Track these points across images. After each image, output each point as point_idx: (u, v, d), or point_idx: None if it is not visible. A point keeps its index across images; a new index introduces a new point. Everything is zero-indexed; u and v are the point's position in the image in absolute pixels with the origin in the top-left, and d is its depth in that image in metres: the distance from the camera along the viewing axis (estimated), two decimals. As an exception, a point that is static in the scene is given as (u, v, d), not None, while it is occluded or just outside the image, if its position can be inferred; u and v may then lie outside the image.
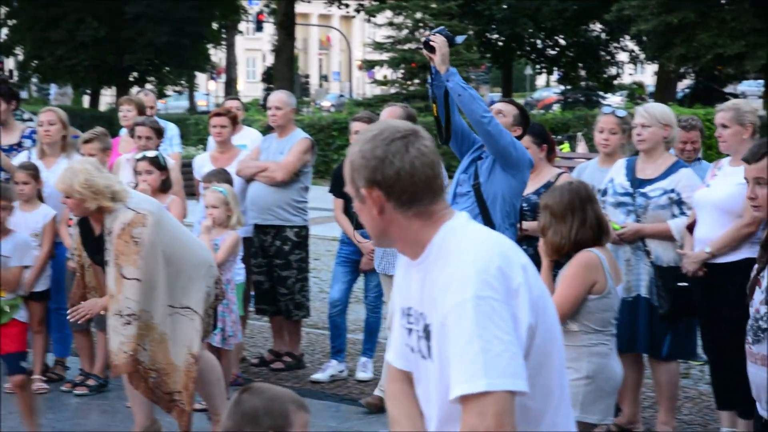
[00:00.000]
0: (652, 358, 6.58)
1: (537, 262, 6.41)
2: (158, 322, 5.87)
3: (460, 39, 6.18)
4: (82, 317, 6.20)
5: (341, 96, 60.44)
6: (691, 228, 6.31)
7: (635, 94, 48.08)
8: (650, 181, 6.34)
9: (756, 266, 4.30)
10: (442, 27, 6.24)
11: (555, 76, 46.05)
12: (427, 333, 2.72)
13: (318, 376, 7.97)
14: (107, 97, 50.05)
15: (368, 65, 35.64)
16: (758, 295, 4.20)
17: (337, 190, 7.88)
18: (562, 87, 44.45)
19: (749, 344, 4.22)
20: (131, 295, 5.78)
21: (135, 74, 38.79)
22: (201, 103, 58.55)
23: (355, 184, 2.77)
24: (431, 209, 2.75)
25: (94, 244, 6.08)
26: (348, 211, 7.69)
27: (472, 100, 5.75)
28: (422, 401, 2.86)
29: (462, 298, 2.59)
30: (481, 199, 5.94)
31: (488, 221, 5.84)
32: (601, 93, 43.11)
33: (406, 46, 31.57)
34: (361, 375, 7.99)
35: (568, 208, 4.86)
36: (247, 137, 9.11)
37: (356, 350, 8.39)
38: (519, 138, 6.19)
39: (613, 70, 43.65)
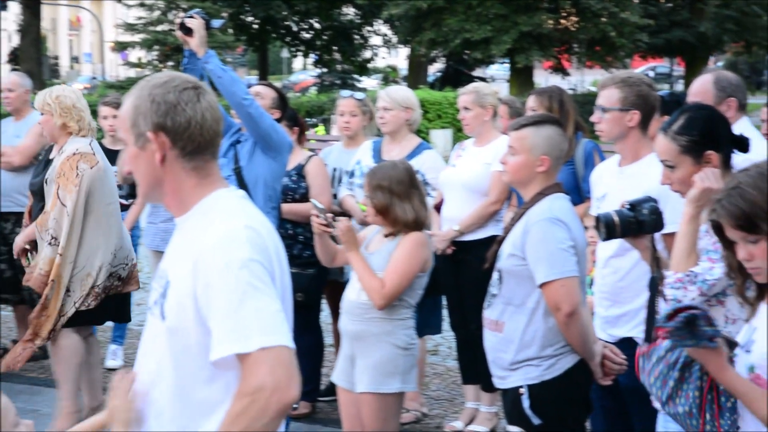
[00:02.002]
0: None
1: (295, 239, 6.44)
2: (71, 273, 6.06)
3: (217, 23, 6.11)
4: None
5: (94, 78, 58.69)
6: (438, 207, 6.48)
7: (389, 77, 48.99)
8: (396, 163, 6.44)
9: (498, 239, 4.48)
10: (198, 9, 6.15)
11: (311, 59, 46.23)
12: (164, 291, 2.70)
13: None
14: None
15: (120, 47, 34.78)
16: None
17: None
18: (319, 70, 44.71)
19: (484, 310, 4.40)
20: (58, 218, 6.04)
21: None
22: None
23: (138, 128, 2.71)
24: (209, 168, 2.75)
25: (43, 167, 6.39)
26: None
27: (232, 83, 5.69)
28: (140, 355, 2.83)
29: (233, 259, 2.58)
30: (243, 183, 5.90)
31: (250, 205, 5.81)
32: (356, 76, 43.64)
33: (159, 28, 30.98)
34: (110, 363, 7.80)
35: (409, 185, 5.02)
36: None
37: (106, 338, 8.19)
38: (278, 121, 6.19)
39: (367, 54, 44.28)
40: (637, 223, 3.89)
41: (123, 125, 2.76)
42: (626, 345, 4.43)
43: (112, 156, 6.99)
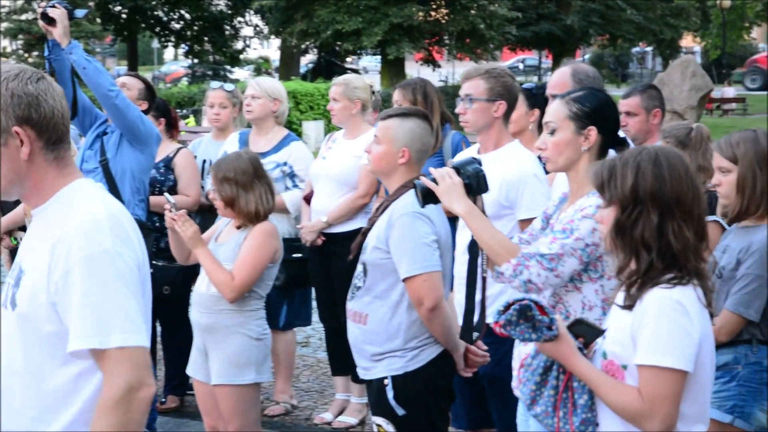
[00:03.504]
0: (270, 328, 6.73)
1: (163, 232, 6.37)
2: None
3: (80, 13, 6.01)
4: None
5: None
6: (308, 199, 6.50)
7: (262, 68, 48.72)
8: (263, 155, 6.38)
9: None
10: (60, -1, 6.03)
11: (182, 50, 45.67)
12: (17, 281, 2.68)
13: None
14: None
15: (-17, 36, 33.80)
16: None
17: None
18: (190, 61, 44.20)
19: (348, 302, 4.43)
20: None
21: None
22: None
23: None
24: (67, 158, 2.74)
25: None
26: None
27: (97, 74, 5.61)
28: None
29: (96, 251, 2.58)
30: (110, 175, 5.83)
31: (118, 197, 5.72)
32: (228, 67, 43.28)
33: (24, 17, 30.22)
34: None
35: (254, 176, 5.03)
36: None
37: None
38: (145, 112, 6.11)
39: (239, 45, 43.96)
40: (462, 185, 3.84)
41: None
42: (486, 332, 4.51)
43: None
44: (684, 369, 2.93)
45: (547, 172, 4.80)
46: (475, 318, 3.95)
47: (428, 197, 3.83)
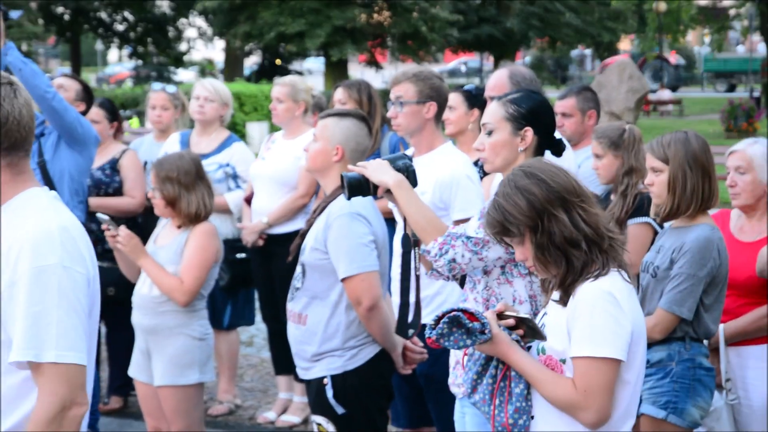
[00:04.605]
0: (213, 328, 6.75)
1: (103, 240, 6.36)
2: None
3: (15, 14, 5.97)
4: None
5: None
6: (249, 200, 6.53)
7: (206, 69, 48.46)
8: (205, 156, 6.41)
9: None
10: (-5, 0, 6.00)
11: (126, 51, 45.28)
12: None
13: None
14: None
15: None
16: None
17: None
18: (134, 62, 43.86)
19: (288, 302, 4.48)
20: None
21: None
22: None
23: None
24: (23, 165, 2.74)
25: None
26: None
27: (33, 75, 5.57)
28: None
29: (44, 264, 2.59)
30: (48, 177, 5.79)
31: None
32: (172, 69, 43.00)
33: (-37, 17, 29.76)
34: None
35: (196, 176, 5.05)
36: None
37: None
38: (83, 114, 6.10)
39: (183, 46, 43.69)
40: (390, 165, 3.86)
41: None
42: (423, 332, 4.55)
43: None
44: (617, 358, 3.02)
45: (485, 173, 4.89)
46: (410, 316, 4.01)
47: (354, 189, 3.82)
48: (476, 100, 5.63)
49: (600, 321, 3.02)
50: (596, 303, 3.04)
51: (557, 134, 4.03)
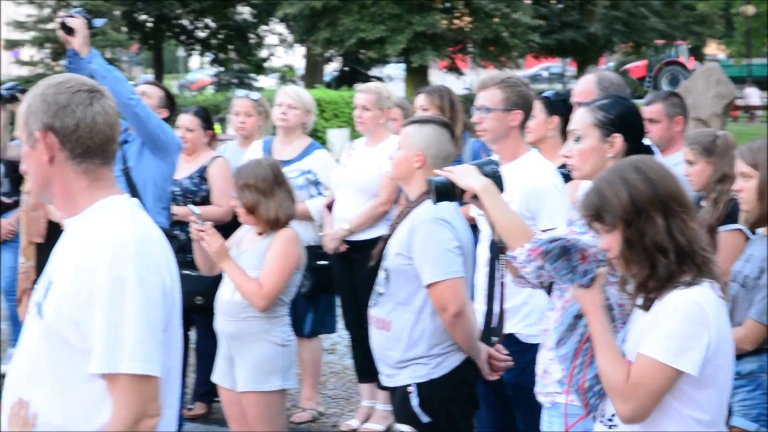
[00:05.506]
0: (296, 336, 6.76)
1: (189, 249, 6.42)
2: None
3: (99, 22, 6.04)
4: None
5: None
6: (330, 207, 6.53)
7: (286, 76, 48.81)
8: (288, 162, 6.43)
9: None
10: (79, 8, 6.08)
11: (207, 58, 45.80)
12: (46, 292, 2.70)
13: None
14: None
15: (11, 45, 34.02)
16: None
17: None
18: (215, 69, 44.32)
19: (370, 308, 4.45)
20: None
21: None
22: None
23: (29, 126, 2.72)
24: (102, 172, 2.75)
25: None
26: None
27: (116, 82, 5.62)
28: (15, 354, 2.82)
29: (120, 275, 2.59)
30: (132, 184, 5.84)
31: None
32: (253, 75, 43.36)
33: (50, 25, 30.39)
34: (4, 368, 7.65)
35: (274, 182, 5.04)
36: None
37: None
38: (166, 120, 6.15)
39: (263, 53, 44.07)
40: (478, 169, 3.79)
41: (19, 123, 2.77)
42: (510, 341, 4.52)
43: None
44: (681, 369, 2.96)
45: (568, 180, 4.81)
46: (494, 324, 3.96)
47: (442, 195, 3.76)
48: (555, 106, 5.54)
49: (677, 329, 2.97)
50: (680, 310, 2.99)
51: (646, 140, 3.95)
